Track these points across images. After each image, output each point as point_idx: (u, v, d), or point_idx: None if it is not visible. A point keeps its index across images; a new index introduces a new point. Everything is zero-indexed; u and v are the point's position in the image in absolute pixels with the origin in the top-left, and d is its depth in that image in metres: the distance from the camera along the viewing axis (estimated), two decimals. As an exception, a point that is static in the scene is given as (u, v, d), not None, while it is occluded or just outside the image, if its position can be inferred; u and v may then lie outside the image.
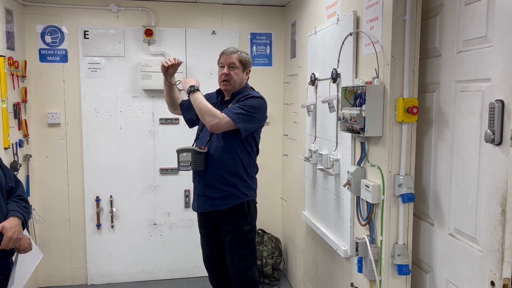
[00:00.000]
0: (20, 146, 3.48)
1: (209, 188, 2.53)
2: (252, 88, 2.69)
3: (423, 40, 1.95)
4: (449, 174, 1.80)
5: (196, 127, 2.85)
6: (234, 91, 2.59)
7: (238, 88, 2.59)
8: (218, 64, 2.62)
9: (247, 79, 2.65)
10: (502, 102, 1.41)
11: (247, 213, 2.55)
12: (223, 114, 2.41)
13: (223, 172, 2.49)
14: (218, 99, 2.68)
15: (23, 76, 3.55)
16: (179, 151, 2.53)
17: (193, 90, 2.51)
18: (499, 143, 1.42)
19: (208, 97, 2.64)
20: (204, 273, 4.09)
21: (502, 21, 1.43)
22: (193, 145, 2.60)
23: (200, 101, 2.47)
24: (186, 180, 3.92)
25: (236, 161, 2.51)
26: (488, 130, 1.45)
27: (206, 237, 2.74)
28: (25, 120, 3.57)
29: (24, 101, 3.56)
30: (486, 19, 1.55)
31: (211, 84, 3.86)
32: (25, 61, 3.58)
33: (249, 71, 2.64)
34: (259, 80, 3.97)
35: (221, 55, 2.60)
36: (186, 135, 3.89)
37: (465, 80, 1.69)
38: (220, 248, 2.68)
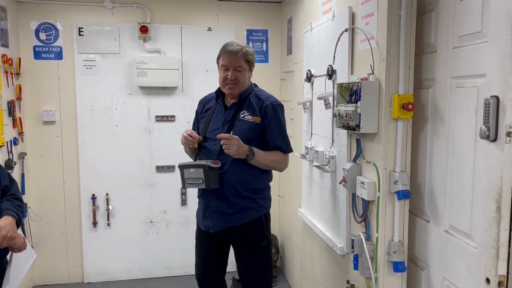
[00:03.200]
0: (15, 144, 3.46)
1: (223, 204, 2.27)
2: (255, 85, 2.46)
3: (419, 36, 1.94)
4: (445, 170, 1.79)
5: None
6: (242, 92, 2.34)
7: (243, 89, 2.34)
8: (218, 63, 2.35)
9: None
10: (497, 98, 1.40)
11: (264, 227, 2.34)
12: (280, 152, 2.30)
13: (238, 185, 2.26)
14: (218, 102, 2.40)
15: (18, 74, 3.53)
16: (185, 167, 2.22)
17: (251, 153, 2.20)
18: (494, 140, 1.42)
19: (206, 101, 2.47)
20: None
21: (497, 16, 1.42)
22: (196, 158, 2.35)
23: (265, 159, 2.25)
24: (182, 177, 3.91)
25: (252, 171, 2.27)
26: (483, 126, 1.44)
27: (206, 255, 2.47)
28: (20, 118, 3.55)
29: (19, 98, 3.54)
30: (481, 15, 1.54)
31: (207, 81, 3.87)
32: (19, 59, 3.55)
33: (253, 67, 2.39)
34: (255, 77, 3.92)
35: (222, 53, 2.30)
36: (182, 132, 3.88)
37: (460, 76, 1.68)
38: (220, 265, 2.48)
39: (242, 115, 2.28)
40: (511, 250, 1.44)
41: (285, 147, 2.31)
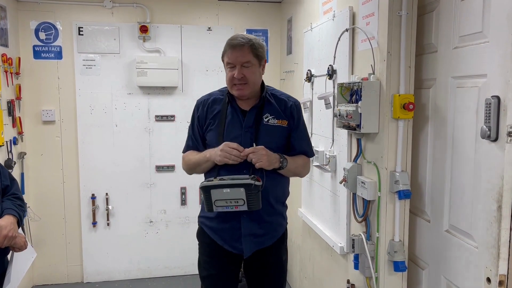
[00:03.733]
0: (15, 143, 3.46)
1: (255, 225, 1.96)
2: (265, 84, 2.10)
3: (419, 36, 1.94)
4: (445, 170, 1.80)
5: None
6: (253, 92, 1.97)
7: (257, 89, 1.98)
8: (223, 61, 1.97)
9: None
10: (498, 98, 1.41)
11: (286, 240, 2.13)
12: (305, 157, 2.06)
13: (273, 200, 1.99)
14: (229, 106, 1.98)
15: (17, 73, 3.52)
16: (214, 187, 1.82)
17: (284, 159, 1.94)
18: (495, 139, 1.42)
19: (208, 103, 2.04)
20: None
21: (498, 16, 1.43)
22: (217, 175, 1.90)
23: (294, 165, 2.00)
24: (182, 177, 3.91)
25: (283, 182, 2.06)
26: (484, 126, 1.44)
27: (218, 279, 2.06)
28: (19, 118, 3.55)
29: (18, 98, 3.54)
30: (482, 15, 1.55)
31: (207, 81, 3.88)
32: (19, 58, 3.55)
33: (265, 62, 2.02)
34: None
35: (226, 49, 1.93)
36: (183, 132, 3.89)
37: (461, 76, 1.68)
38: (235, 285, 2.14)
39: (266, 119, 1.96)
40: (511, 249, 1.44)
41: (310, 151, 2.10)
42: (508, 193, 1.39)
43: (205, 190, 1.83)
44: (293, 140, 2.02)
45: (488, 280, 1.47)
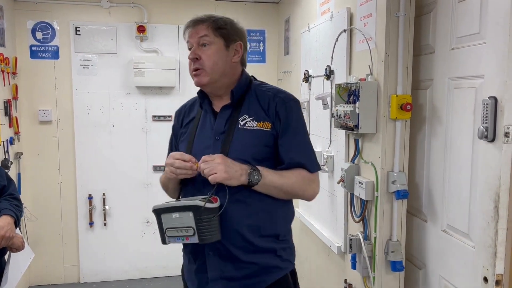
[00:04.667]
0: (11, 143, 3.45)
1: (229, 265, 1.46)
2: (254, 78, 1.61)
3: (417, 37, 1.95)
4: (443, 170, 1.81)
5: None
6: (219, 88, 1.51)
7: (224, 82, 1.50)
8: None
9: (241, 62, 1.55)
10: (495, 98, 1.42)
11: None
12: (303, 171, 1.47)
13: (249, 232, 1.44)
14: (203, 108, 1.59)
15: (14, 73, 3.51)
16: (163, 211, 1.43)
17: (255, 172, 1.40)
18: (492, 140, 1.43)
19: (185, 111, 1.69)
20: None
21: (495, 17, 1.44)
22: (179, 197, 1.55)
23: (280, 182, 1.44)
24: (179, 177, 3.91)
25: (268, 206, 1.47)
26: (481, 127, 1.45)
27: None
28: (16, 118, 3.53)
29: (15, 98, 3.52)
30: (479, 16, 1.56)
31: (204, 81, 3.87)
32: (16, 58, 3.53)
33: (241, 46, 1.52)
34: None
35: (184, 30, 1.54)
36: (179, 132, 3.89)
37: (458, 77, 1.70)
38: None
39: (242, 122, 1.47)
40: (508, 249, 1.45)
41: (309, 163, 1.48)
42: (505, 193, 1.40)
43: (156, 215, 1.45)
44: (281, 149, 1.46)
45: (485, 279, 1.47)
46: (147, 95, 3.83)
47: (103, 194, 3.83)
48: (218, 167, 1.35)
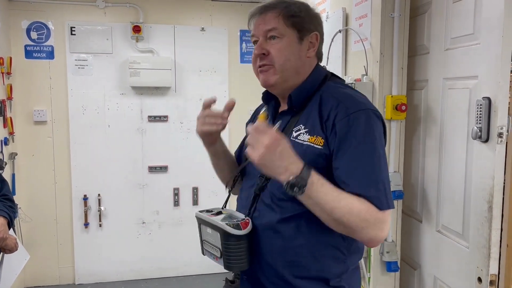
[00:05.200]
0: (6, 144, 3.43)
1: None
2: (334, 76, 1.28)
3: (412, 37, 1.96)
4: (437, 171, 1.81)
5: None
6: (289, 88, 1.22)
7: (296, 81, 1.21)
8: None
9: (317, 56, 1.26)
10: (488, 99, 1.42)
11: None
12: (368, 203, 1.05)
13: (283, 269, 1.17)
14: (267, 110, 1.33)
15: (8, 73, 3.49)
16: (201, 221, 1.25)
17: (305, 172, 1.03)
18: (486, 140, 1.43)
19: (259, 109, 1.44)
20: (194, 271, 4.06)
21: (489, 18, 1.44)
22: (223, 207, 1.30)
23: (332, 200, 1.04)
24: (175, 178, 3.90)
25: (308, 241, 1.15)
26: (475, 127, 1.46)
27: None
28: (11, 118, 3.51)
29: (10, 98, 3.50)
30: (473, 17, 1.56)
31: (200, 81, 3.87)
32: (10, 58, 3.51)
33: (317, 37, 1.22)
34: (248, 78, 3.95)
35: (249, 19, 1.27)
36: (175, 133, 3.89)
37: (453, 77, 1.70)
38: None
39: (295, 133, 1.17)
40: (502, 249, 1.46)
41: (377, 196, 1.06)
42: (498, 193, 1.41)
43: (198, 223, 1.27)
44: (336, 174, 1.09)
45: (479, 279, 1.48)
46: (142, 95, 3.82)
47: (99, 195, 3.82)
48: (259, 147, 1.03)
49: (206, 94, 4.03)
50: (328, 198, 1.04)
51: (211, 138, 1.31)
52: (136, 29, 3.70)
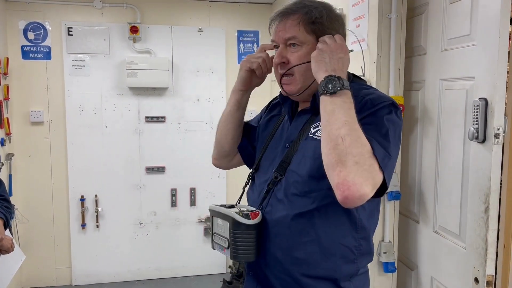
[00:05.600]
0: (2, 144, 3.41)
1: None
2: (356, 77, 1.27)
3: (409, 38, 1.96)
4: (434, 172, 1.81)
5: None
6: (312, 92, 1.20)
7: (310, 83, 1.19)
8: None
9: None
10: (485, 100, 1.42)
11: None
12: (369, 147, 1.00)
13: (291, 266, 1.15)
14: (283, 111, 1.34)
15: (5, 74, 3.48)
16: (214, 213, 1.26)
17: (341, 83, 1.04)
18: (483, 141, 1.44)
19: (274, 101, 1.43)
20: (191, 272, 4.06)
21: (486, 20, 1.44)
22: (237, 203, 1.30)
23: (345, 112, 1.02)
24: (172, 179, 3.90)
25: (320, 236, 1.13)
26: (472, 128, 1.46)
27: None
28: (7, 118, 3.50)
29: (6, 99, 3.49)
30: (470, 18, 1.57)
31: (198, 82, 3.87)
32: (7, 58, 3.50)
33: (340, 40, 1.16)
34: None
35: (270, 23, 1.27)
36: (173, 134, 3.88)
37: (450, 78, 1.70)
38: None
39: (313, 129, 1.17)
40: (499, 250, 1.46)
41: (378, 148, 1.02)
42: (495, 194, 1.41)
43: (210, 215, 1.28)
44: None
45: (476, 280, 1.48)
46: (140, 96, 3.81)
47: (96, 195, 3.81)
48: (332, 41, 1.11)
49: (203, 95, 4.07)
50: (350, 113, 1.02)
51: (249, 81, 1.36)
52: (134, 30, 3.70)
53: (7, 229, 1.93)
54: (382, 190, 1.05)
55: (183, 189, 3.93)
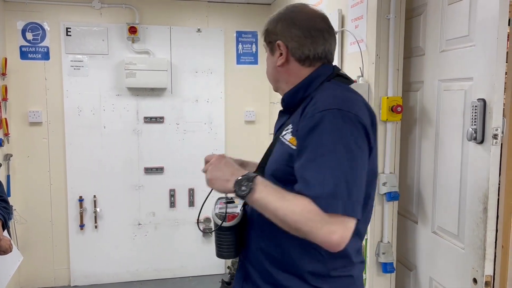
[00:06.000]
0: (1, 145, 3.41)
1: (250, 285, 1.27)
2: (340, 76, 1.24)
3: (407, 39, 1.96)
4: (432, 172, 1.82)
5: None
6: (285, 96, 1.26)
7: (287, 88, 1.25)
8: None
9: (300, 61, 1.21)
10: (483, 101, 1.43)
11: None
12: (308, 201, 1.00)
13: (266, 260, 1.21)
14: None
15: (3, 74, 3.47)
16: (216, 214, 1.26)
17: (244, 188, 1.08)
18: (481, 142, 1.44)
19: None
20: (190, 273, 4.06)
21: (484, 21, 1.45)
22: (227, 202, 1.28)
23: (271, 202, 1.06)
24: (171, 179, 3.89)
25: (277, 234, 1.14)
26: (470, 129, 1.46)
27: None
28: (6, 119, 3.49)
29: (5, 99, 3.48)
30: (469, 19, 1.57)
31: (196, 82, 3.87)
32: (5, 59, 3.50)
33: (279, 45, 1.21)
34: (245, 79, 3.96)
35: None
36: (171, 134, 3.88)
37: (448, 79, 1.71)
38: None
39: (284, 131, 1.19)
40: (497, 250, 1.46)
41: (321, 196, 1.00)
42: (493, 194, 1.41)
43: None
44: (295, 172, 1.08)
45: (475, 280, 1.48)
46: (138, 96, 3.81)
47: (94, 196, 3.80)
48: (209, 169, 1.17)
49: (202, 95, 4.07)
50: (272, 198, 1.05)
51: None
52: (132, 30, 3.69)
53: (5, 230, 1.93)
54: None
55: (182, 189, 3.93)
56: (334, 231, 0.99)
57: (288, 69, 1.23)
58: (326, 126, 1.04)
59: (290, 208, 1.02)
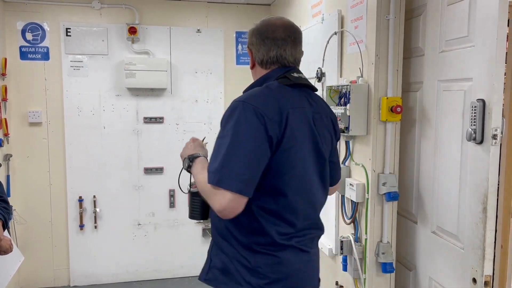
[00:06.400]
0: (0, 145, 3.41)
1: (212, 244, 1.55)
2: (284, 77, 1.41)
3: (407, 39, 1.97)
4: (432, 172, 1.82)
5: None
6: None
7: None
8: None
9: (262, 64, 1.45)
10: (483, 101, 1.43)
11: None
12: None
13: (212, 225, 1.50)
14: None
15: (3, 74, 3.47)
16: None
17: (187, 164, 1.52)
18: (481, 142, 1.44)
19: None
20: (189, 273, 4.06)
21: (483, 21, 1.45)
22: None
23: (198, 180, 1.41)
24: (170, 179, 3.89)
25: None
26: (470, 129, 1.47)
27: None
28: (5, 119, 3.49)
29: (4, 99, 3.49)
30: (468, 20, 1.57)
31: (196, 83, 3.87)
32: (5, 59, 3.50)
33: (249, 50, 1.50)
34: (244, 79, 3.96)
35: None
36: (171, 135, 3.88)
37: (448, 79, 1.71)
38: None
39: None
40: (496, 250, 1.47)
41: (210, 168, 1.29)
42: (492, 195, 1.42)
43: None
44: None
45: (474, 280, 1.49)
46: (138, 96, 3.81)
47: (94, 196, 3.80)
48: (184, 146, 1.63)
49: (201, 96, 4.07)
50: (197, 172, 1.42)
51: None
52: (132, 31, 3.70)
53: (6, 230, 1.93)
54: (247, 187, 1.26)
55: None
56: (216, 200, 1.26)
57: (255, 70, 1.49)
58: (228, 114, 1.30)
59: (201, 181, 1.35)
